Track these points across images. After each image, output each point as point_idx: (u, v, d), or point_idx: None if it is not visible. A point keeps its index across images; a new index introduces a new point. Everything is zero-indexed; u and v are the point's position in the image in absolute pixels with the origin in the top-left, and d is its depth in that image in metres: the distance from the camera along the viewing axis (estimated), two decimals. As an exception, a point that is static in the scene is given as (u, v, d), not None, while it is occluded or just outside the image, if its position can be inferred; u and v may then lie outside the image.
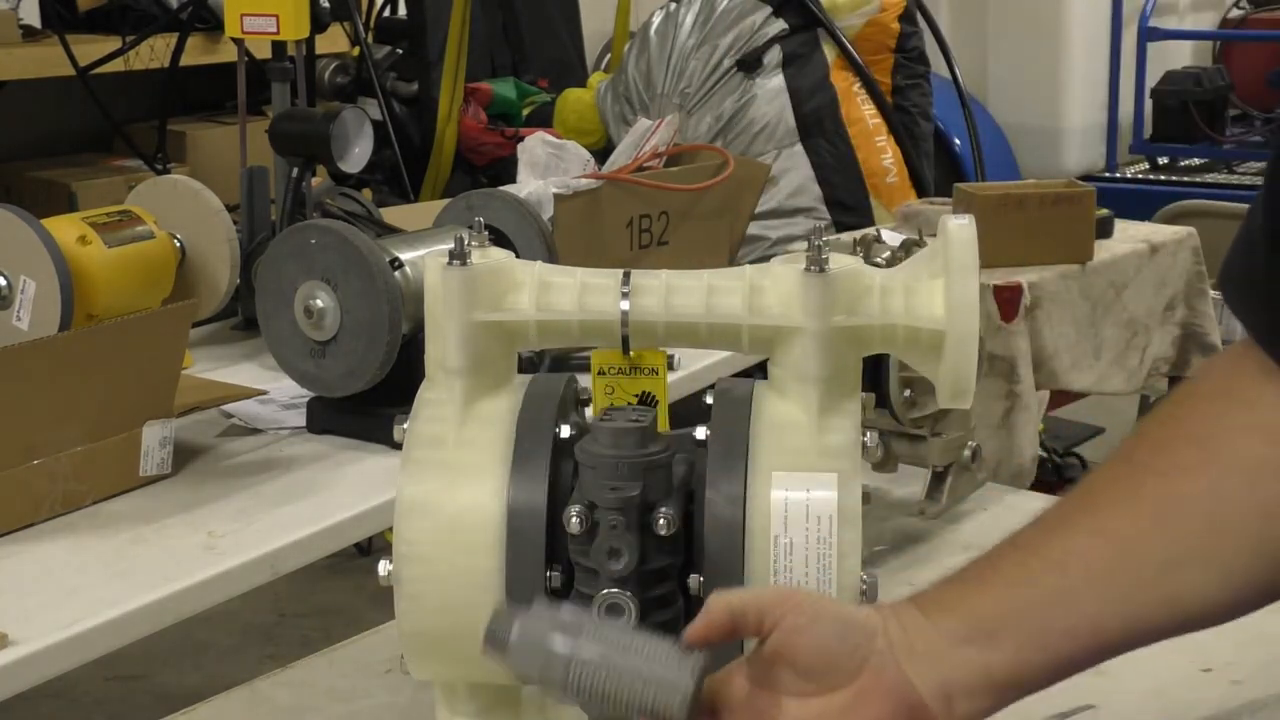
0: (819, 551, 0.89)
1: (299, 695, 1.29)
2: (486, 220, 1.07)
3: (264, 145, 2.03)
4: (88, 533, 1.45)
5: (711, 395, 0.96)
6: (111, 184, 3.59)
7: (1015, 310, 2.39)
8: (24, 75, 3.62)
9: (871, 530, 0.90)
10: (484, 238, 0.97)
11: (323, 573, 3.22)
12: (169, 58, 3.57)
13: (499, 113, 3.72)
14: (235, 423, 1.72)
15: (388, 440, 1.17)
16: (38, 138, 3.99)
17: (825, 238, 0.93)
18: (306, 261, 1.61)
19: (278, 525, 1.47)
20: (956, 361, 0.92)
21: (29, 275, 1.70)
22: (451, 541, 0.92)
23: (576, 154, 2.24)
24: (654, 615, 0.91)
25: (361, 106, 2.69)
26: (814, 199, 3.20)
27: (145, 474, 1.54)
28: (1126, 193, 4.70)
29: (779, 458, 0.91)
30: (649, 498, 0.90)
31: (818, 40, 3.24)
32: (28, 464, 1.45)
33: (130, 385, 1.52)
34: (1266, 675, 1.19)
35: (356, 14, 3.64)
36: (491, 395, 0.95)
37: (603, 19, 4.18)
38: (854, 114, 3.23)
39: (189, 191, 1.92)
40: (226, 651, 3.18)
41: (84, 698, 3.01)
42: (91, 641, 1.29)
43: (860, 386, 0.95)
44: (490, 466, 0.92)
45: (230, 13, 2.01)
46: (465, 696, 0.99)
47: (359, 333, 1.59)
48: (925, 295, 0.92)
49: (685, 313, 0.94)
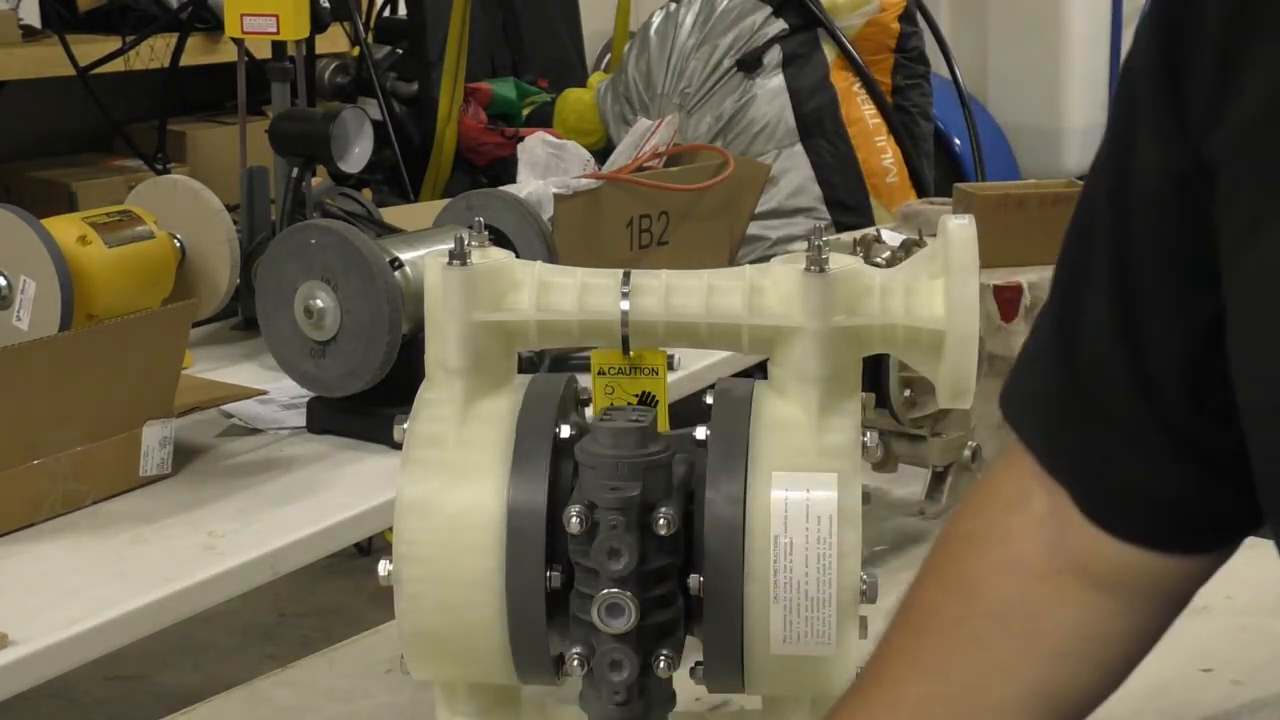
0: (819, 551, 0.90)
1: (299, 695, 1.29)
2: (486, 220, 1.07)
3: (264, 145, 2.03)
4: (88, 533, 1.45)
5: (711, 395, 0.96)
6: (111, 184, 3.59)
7: (1015, 310, 2.38)
8: (24, 75, 3.62)
9: (871, 530, 0.91)
10: (484, 238, 0.97)
11: (323, 573, 3.21)
12: (169, 58, 3.57)
13: (499, 113, 3.72)
14: (235, 423, 1.72)
15: (388, 440, 1.17)
16: (38, 138, 3.99)
17: (825, 238, 0.93)
18: (306, 261, 1.61)
19: (278, 525, 1.47)
20: (956, 361, 0.92)
21: (29, 275, 1.70)
22: (451, 541, 0.92)
23: (576, 154, 2.24)
24: (654, 615, 0.91)
25: (361, 106, 2.69)
26: (814, 199, 3.20)
27: (145, 474, 1.54)
28: (1126, 193, 4.69)
29: (779, 458, 0.91)
30: (649, 498, 0.90)
31: (818, 40, 3.24)
32: (28, 464, 1.45)
33: (130, 385, 1.52)
34: (1266, 675, 1.19)
35: (356, 14, 3.64)
36: (491, 395, 0.95)
37: (603, 19, 4.18)
38: (854, 114, 3.23)
39: (189, 191, 1.92)
40: (226, 651, 3.18)
41: (84, 698, 3.01)
42: (91, 641, 1.29)
43: (860, 386, 0.95)
44: (490, 466, 0.92)
45: (230, 13, 2.01)
46: (465, 696, 0.99)
47: (359, 333, 1.59)
48: (925, 295, 0.92)
49: (685, 313, 0.94)
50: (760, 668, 0.92)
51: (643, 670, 0.91)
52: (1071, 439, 0.87)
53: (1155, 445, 0.83)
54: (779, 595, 0.90)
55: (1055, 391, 0.88)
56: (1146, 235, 0.81)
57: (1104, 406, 0.84)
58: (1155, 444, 0.83)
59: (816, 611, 0.90)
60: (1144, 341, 0.82)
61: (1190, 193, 0.78)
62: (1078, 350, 0.86)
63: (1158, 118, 0.80)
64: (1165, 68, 0.79)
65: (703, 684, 0.95)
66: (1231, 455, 0.79)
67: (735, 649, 0.91)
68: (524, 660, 0.93)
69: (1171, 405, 0.82)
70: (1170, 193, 0.80)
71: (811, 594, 0.90)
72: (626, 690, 0.91)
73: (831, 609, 0.90)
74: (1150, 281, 0.82)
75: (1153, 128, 0.80)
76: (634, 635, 0.90)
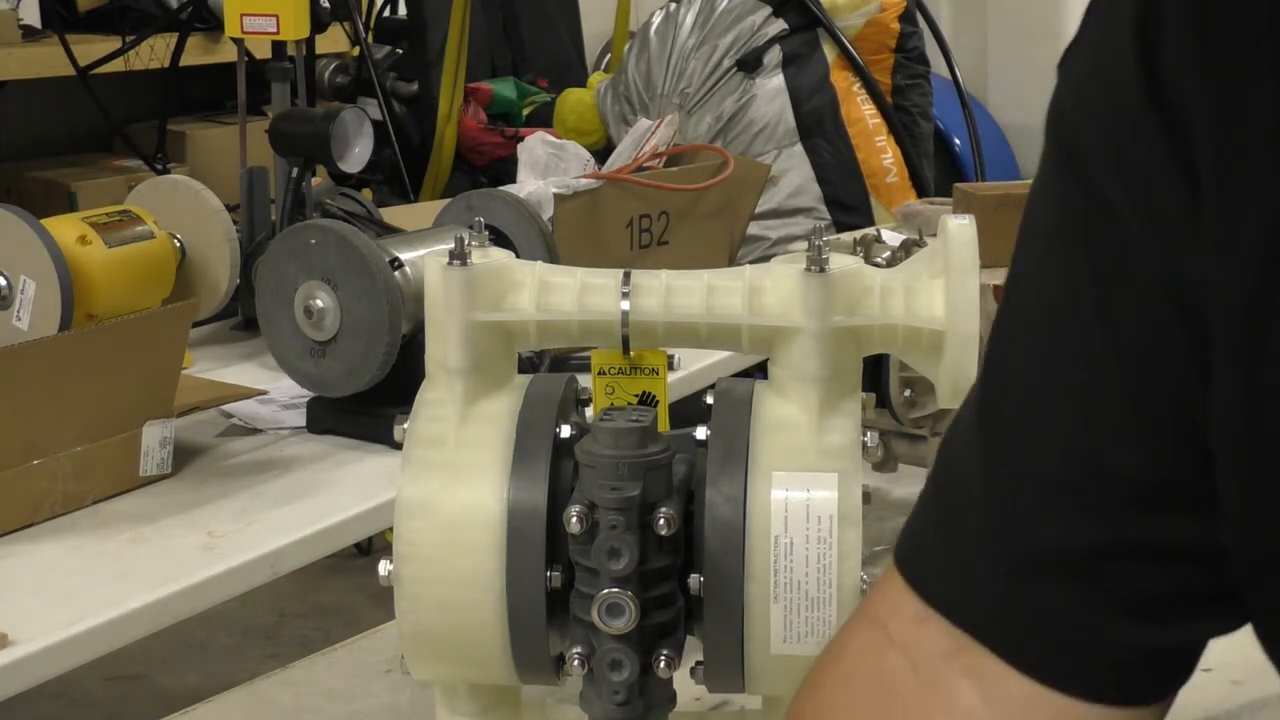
0: (819, 551, 0.89)
1: (299, 695, 1.29)
2: (486, 220, 1.07)
3: (264, 145, 2.03)
4: (88, 533, 1.45)
5: (711, 395, 0.96)
6: (111, 184, 3.59)
7: (1015, 310, 2.39)
8: (24, 75, 3.62)
9: (871, 530, 0.90)
10: (484, 238, 0.97)
11: (323, 573, 3.22)
12: (169, 58, 3.57)
13: (499, 113, 3.73)
14: (235, 423, 1.72)
15: (388, 440, 1.18)
16: (38, 138, 4.00)
17: (825, 238, 0.93)
18: (306, 261, 1.61)
19: (278, 525, 1.47)
20: (956, 361, 0.92)
21: (29, 275, 1.70)
22: (451, 541, 0.92)
23: (576, 154, 2.24)
24: (654, 615, 0.91)
25: (361, 106, 2.69)
26: (814, 199, 3.20)
27: (145, 474, 1.54)
28: (1126, 193, 4.69)
29: (779, 458, 0.91)
30: (649, 498, 0.89)
31: (818, 40, 3.24)
32: (28, 464, 1.45)
33: (130, 385, 1.52)
34: (1266, 675, 1.18)
35: (356, 14, 3.65)
36: (491, 395, 0.95)
37: (603, 19, 4.18)
38: (854, 114, 3.23)
39: (189, 191, 1.92)
40: (226, 651, 3.18)
41: (84, 698, 3.01)
42: (91, 641, 1.29)
43: (860, 386, 0.95)
44: (490, 466, 0.92)
45: (230, 13, 2.01)
46: (465, 696, 0.99)
47: (359, 333, 1.59)
48: (925, 295, 0.92)
49: (685, 313, 0.94)
50: (760, 668, 0.92)
51: (643, 670, 0.91)
52: (1021, 602, 0.72)
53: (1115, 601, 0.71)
54: (779, 595, 0.90)
55: (993, 549, 0.73)
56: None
57: (1068, 560, 0.71)
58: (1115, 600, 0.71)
59: (817, 611, 0.90)
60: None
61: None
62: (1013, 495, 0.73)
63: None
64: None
65: (703, 684, 0.95)
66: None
67: (735, 649, 0.91)
68: (524, 660, 0.93)
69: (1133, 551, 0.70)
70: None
71: (812, 594, 0.90)
72: (626, 690, 0.91)
73: (832, 609, 0.90)
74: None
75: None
76: (634, 635, 0.90)
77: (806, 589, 0.90)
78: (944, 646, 0.74)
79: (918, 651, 0.75)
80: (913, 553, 0.77)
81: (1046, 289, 0.72)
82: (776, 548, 0.90)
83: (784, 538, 0.90)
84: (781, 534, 0.90)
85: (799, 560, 0.90)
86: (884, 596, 0.78)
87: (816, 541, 0.90)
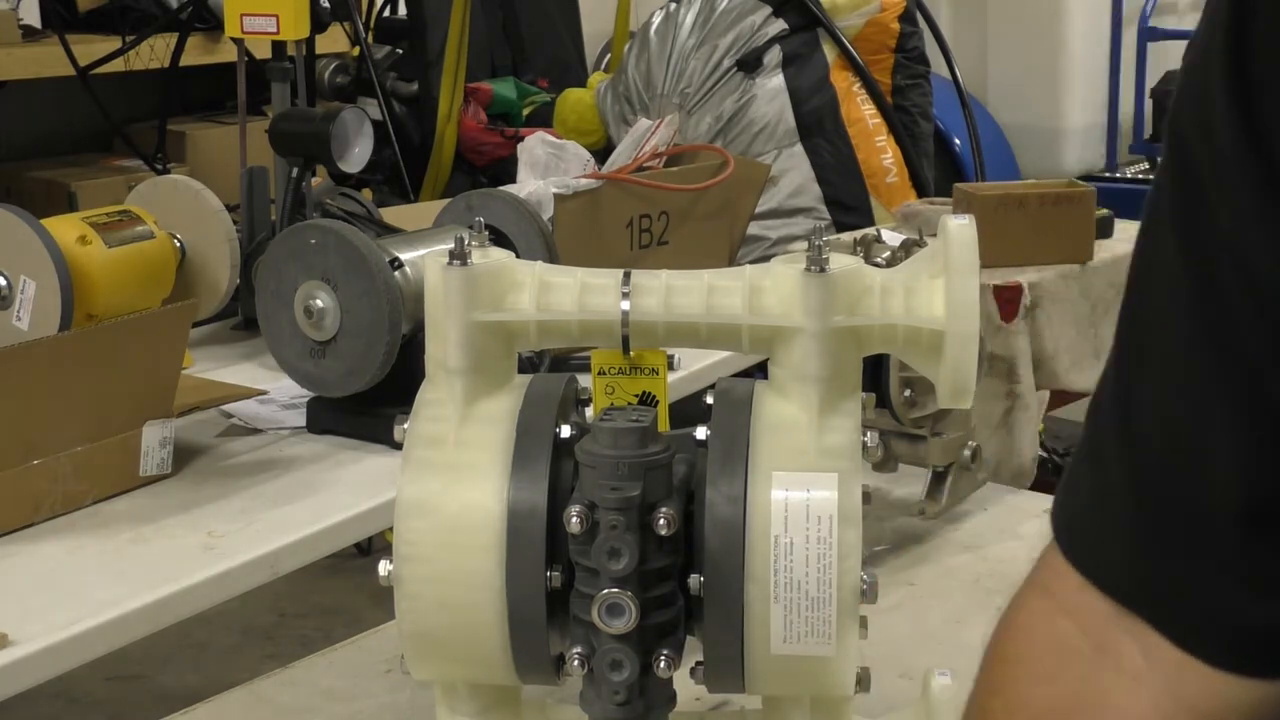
0: (819, 551, 0.89)
1: (299, 695, 1.29)
2: (486, 220, 1.07)
3: (264, 145, 2.03)
4: (88, 533, 1.45)
5: (711, 395, 0.96)
6: (111, 184, 3.59)
7: (1015, 310, 2.39)
8: (24, 75, 3.62)
9: (871, 530, 0.90)
10: (484, 238, 0.97)
11: (323, 573, 3.22)
12: (169, 58, 3.57)
13: (499, 113, 3.73)
14: (235, 423, 1.72)
15: (388, 440, 1.17)
16: (38, 138, 4.00)
17: (825, 238, 0.93)
18: (306, 261, 1.61)
19: (278, 525, 1.47)
20: (956, 361, 0.92)
21: (29, 275, 1.70)
22: (451, 541, 0.92)
23: (576, 154, 2.24)
24: (654, 615, 0.91)
25: (361, 106, 2.69)
26: (814, 199, 3.20)
27: (145, 474, 1.54)
28: (1127, 193, 4.69)
29: (779, 458, 0.91)
30: (649, 498, 0.90)
31: (818, 40, 3.24)
32: (28, 464, 1.45)
33: (130, 385, 1.52)
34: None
35: (356, 14, 3.65)
36: (491, 395, 0.95)
37: (603, 19, 4.18)
38: (854, 114, 3.23)
39: (189, 191, 1.92)
40: (226, 651, 3.18)
41: (84, 698, 3.02)
42: (91, 641, 1.29)
43: (860, 386, 0.95)
44: (490, 466, 0.92)
45: (230, 13, 2.01)
46: (465, 696, 0.99)
47: (359, 333, 1.59)
48: (925, 295, 0.92)
49: (685, 313, 0.94)
50: (760, 668, 0.92)
51: (643, 670, 0.91)
52: (1166, 576, 0.78)
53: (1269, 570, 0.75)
54: (779, 595, 0.90)
55: (1141, 525, 0.78)
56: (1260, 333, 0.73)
57: (1206, 538, 0.76)
58: (1269, 569, 0.75)
59: (817, 611, 0.90)
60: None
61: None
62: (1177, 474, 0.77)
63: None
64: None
65: (703, 684, 0.95)
66: None
67: (735, 649, 0.91)
68: (524, 660, 0.93)
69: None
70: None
71: (812, 594, 0.90)
72: (627, 690, 0.91)
73: (832, 609, 0.90)
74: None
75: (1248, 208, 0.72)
76: (634, 635, 0.90)
77: (806, 589, 0.90)
78: (1106, 610, 0.80)
79: (1084, 616, 0.81)
80: (1067, 524, 0.83)
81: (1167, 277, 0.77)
82: (776, 548, 0.90)
83: (784, 538, 0.90)
84: (781, 534, 0.90)
85: (799, 560, 0.90)
86: (1049, 564, 0.83)
87: (816, 541, 0.90)
